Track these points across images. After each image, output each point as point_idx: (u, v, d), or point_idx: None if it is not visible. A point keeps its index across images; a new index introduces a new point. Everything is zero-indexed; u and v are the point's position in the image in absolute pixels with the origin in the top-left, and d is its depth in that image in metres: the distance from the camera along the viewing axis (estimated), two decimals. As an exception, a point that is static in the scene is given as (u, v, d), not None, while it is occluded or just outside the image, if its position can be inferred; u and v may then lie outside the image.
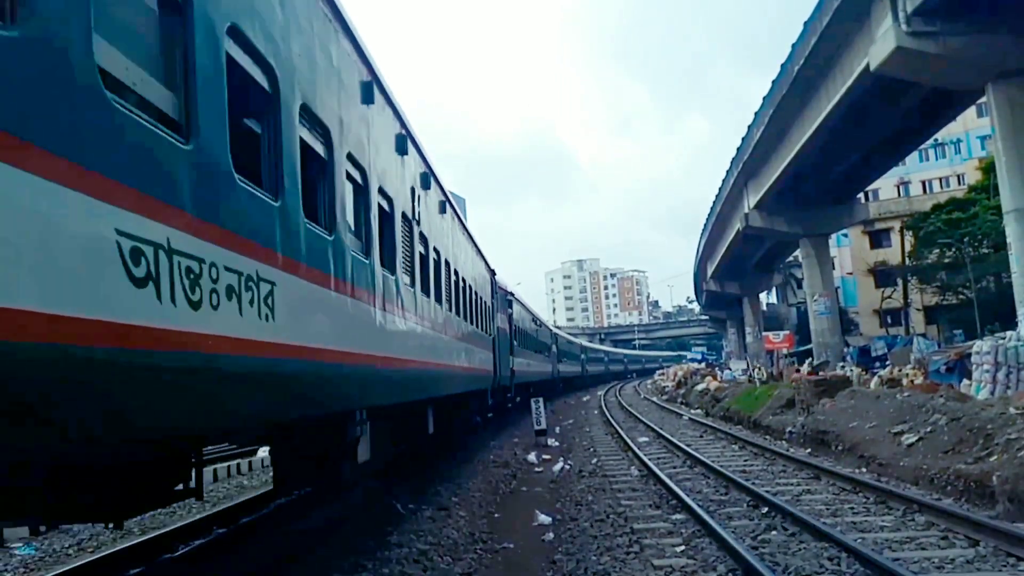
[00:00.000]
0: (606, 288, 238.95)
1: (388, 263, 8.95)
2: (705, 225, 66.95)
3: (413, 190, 10.72)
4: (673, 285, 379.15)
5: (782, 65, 35.03)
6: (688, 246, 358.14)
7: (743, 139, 44.98)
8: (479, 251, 19.84)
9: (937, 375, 25.31)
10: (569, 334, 77.22)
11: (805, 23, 31.30)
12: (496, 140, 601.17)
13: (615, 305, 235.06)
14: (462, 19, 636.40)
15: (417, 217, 10.87)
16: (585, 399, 52.80)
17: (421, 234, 11.17)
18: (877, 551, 8.45)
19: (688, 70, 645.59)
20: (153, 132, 3.99)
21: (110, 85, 3.63)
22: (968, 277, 44.88)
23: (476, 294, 18.11)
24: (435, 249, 12.36)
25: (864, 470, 14.57)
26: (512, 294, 29.29)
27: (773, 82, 36.74)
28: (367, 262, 7.96)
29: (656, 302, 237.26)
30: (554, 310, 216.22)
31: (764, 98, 38.80)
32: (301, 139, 6.17)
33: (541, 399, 24.12)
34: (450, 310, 13.74)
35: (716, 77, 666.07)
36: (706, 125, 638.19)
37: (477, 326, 17.94)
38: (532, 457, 19.46)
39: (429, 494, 13.00)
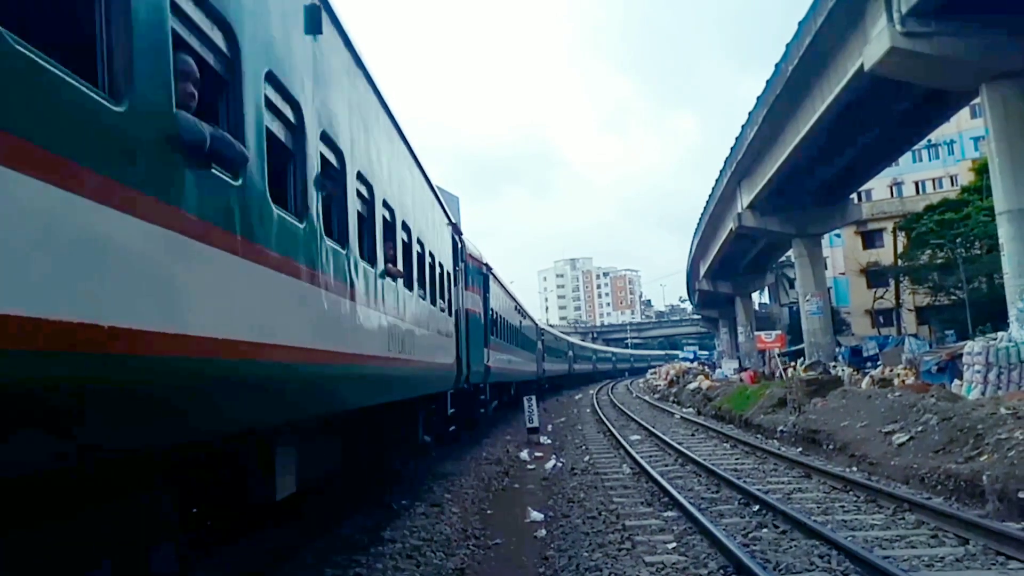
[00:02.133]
0: (599, 287, 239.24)
1: (519, 344, 30.74)
2: (698, 224, 67.03)
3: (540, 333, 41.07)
4: (666, 284, 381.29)
5: (776, 65, 35.08)
6: (680, 245, 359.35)
7: (737, 139, 45.03)
8: (532, 318, 39.46)
9: (928, 375, 25.46)
10: (563, 333, 78.14)
11: (800, 23, 31.33)
12: (484, 135, 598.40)
13: (608, 304, 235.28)
14: (449, 12, 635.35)
15: (521, 324, 32.40)
16: (577, 397, 52.89)
17: (524, 333, 33.41)
18: (867, 549, 8.49)
19: (676, 67, 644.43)
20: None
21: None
22: (960, 278, 45.05)
23: (529, 338, 35.77)
24: (523, 332, 31.96)
25: (855, 469, 14.63)
26: (544, 330, 49.18)
27: (767, 82, 36.78)
28: (520, 348, 31.63)
29: (648, 301, 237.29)
30: (547, 308, 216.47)
31: (758, 98, 38.83)
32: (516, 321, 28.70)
33: (533, 397, 24.18)
34: (526, 350, 32.82)
35: (705, 75, 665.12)
36: (695, 123, 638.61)
37: (531, 352, 36.17)
38: (524, 454, 19.50)
39: (422, 491, 13.02)
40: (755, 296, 79.81)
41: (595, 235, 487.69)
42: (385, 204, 8.53)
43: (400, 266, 9.21)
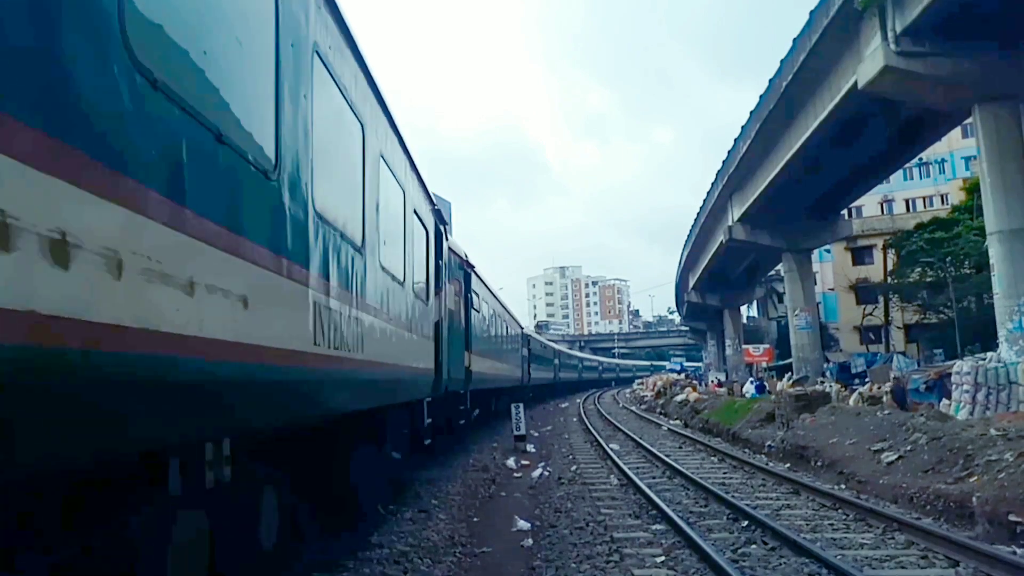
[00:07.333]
0: (587, 296, 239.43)
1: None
2: (688, 236, 67.20)
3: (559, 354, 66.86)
4: (654, 295, 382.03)
5: (770, 80, 35.22)
6: (669, 256, 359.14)
7: (729, 152, 45.19)
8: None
9: (916, 394, 25.44)
10: (550, 341, 78.40)
11: (794, 39, 31.47)
12: (467, 139, 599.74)
13: (596, 313, 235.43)
14: (429, 14, 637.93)
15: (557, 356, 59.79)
16: (564, 406, 52.83)
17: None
18: (857, 568, 8.45)
19: (654, 77, 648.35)
20: None
21: None
22: (949, 297, 45.23)
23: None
24: (546, 353, 54.79)
25: (843, 487, 14.59)
26: (560, 352, 68.61)
27: (760, 96, 36.93)
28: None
29: (637, 311, 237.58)
30: (535, 316, 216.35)
31: (751, 112, 39.01)
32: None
33: (521, 405, 24.02)
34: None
35: (684, 85, 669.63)
36: (681, 137, 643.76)
37: (553, 365, 57.96)
38: (511, 462, 19.40)
39: (409, 496, 12.94)
40: (743, 309, 80.00)
41: (584, 244, 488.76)
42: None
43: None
